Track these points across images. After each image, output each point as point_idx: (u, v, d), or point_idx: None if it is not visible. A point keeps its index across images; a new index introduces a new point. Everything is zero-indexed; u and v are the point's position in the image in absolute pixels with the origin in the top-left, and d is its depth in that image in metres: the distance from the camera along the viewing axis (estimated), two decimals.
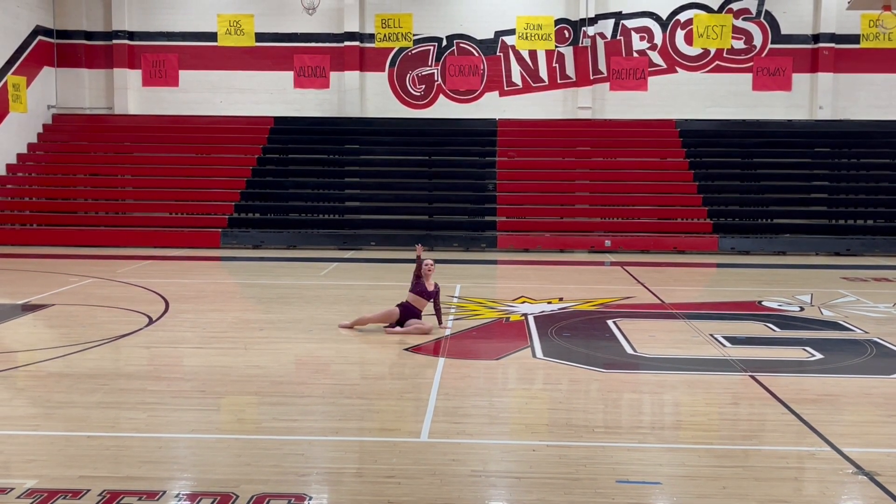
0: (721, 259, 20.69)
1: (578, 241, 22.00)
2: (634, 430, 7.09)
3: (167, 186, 23.96)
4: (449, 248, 21.91)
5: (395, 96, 26.77)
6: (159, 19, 26.64)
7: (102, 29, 26.67)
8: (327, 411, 7.58)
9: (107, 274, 16.41)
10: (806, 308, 13.09)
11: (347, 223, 23.07)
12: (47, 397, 7.87)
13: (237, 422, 7.54)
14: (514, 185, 24.21)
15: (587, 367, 9.20)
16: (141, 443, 6.62)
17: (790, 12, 26.00)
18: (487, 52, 26.54)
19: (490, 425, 7.22)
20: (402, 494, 5.59)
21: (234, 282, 17.38)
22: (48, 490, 5.54)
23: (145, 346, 10.17)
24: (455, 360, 9.47)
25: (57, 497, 5.43)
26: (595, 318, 12.15)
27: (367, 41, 26.49)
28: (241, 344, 10.21)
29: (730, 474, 6.01)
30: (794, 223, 22.74)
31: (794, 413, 7.48)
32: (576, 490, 5.68)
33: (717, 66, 26.25)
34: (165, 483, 5.75)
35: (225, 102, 26.70)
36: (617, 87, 26.22)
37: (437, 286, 11.20)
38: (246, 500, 5.43)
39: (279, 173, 24.87)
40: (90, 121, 26.72)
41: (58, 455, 6.29)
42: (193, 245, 21.67)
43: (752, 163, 24.79)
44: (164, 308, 12.58)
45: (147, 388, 8.18)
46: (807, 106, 26.15)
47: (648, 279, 16.32)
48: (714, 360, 9.58)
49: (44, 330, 11.49)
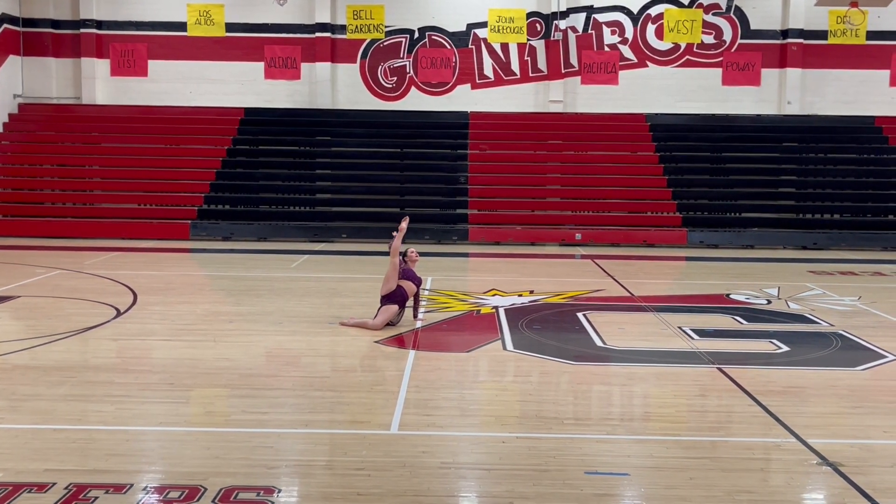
0: (690, 252, 20.85)
1: (549, 234, 22.08)
2: (603, 422, 7.14)
3: (136, 177, 23.72)
4: (420, 240, 21.84)
5: (366, 88, 26.68)
6: (128, 8, 26.35)
7: (70, 17, 26.32)
8: (297, 404, 7.56)
9: (74, 265, 16.23)
10: (773, 301, 13.23)
11: (318, 215, 22.98)
12: (13, 390, 7.77)
13: (206, 414, 7.49)
14: (486, 178, 24.23)
15: (557, 359, 9.24)
16: (108, 436, 6.56)
17: (759, 8, 26.22)
18: (459, 44, 26.53)
19: (460, 417, 7.23)
20: (371, 486, 5.59)
21: (204, 274, 17.26)
22: (13, 483, 5.48)
23: (113, 339, 10.07)
24: (426, 352, 9.47)
25: (22, 490, 5.37)
26: (565, 310, 12.20)
27: (338, 32, 26.38)
28: (210, 336, 10.15)
29: (697, 465, 6.07)
30: (762, 217, 22.97)
31: (760, 405, 7.56)
32: (544, 481, 5.71)
33: (688, 60, 26.43)
34: (133, 476, 5.70)
35: (195, 93, 26.48)
36: (588, 81, 26.32)
37: (420, 278, 11.18)
38: (214, 492, 5.41)
39: (249, 165, 24.72)
40: (57, 110, 26.38)
41: (23, 448, 6.22)
42: (162, 237, 21.50)
43: (722, 157, 25.00)
44: (133, 300, 12.47)
45: (115, 381, 8.11)
46: (775, 101, 26.41)
47: (618, 272, 16.42)
48: (682, 352, 9.66)
49: (9, 322, 11.34)
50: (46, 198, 23.38)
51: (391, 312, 10.61)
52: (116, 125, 25.59)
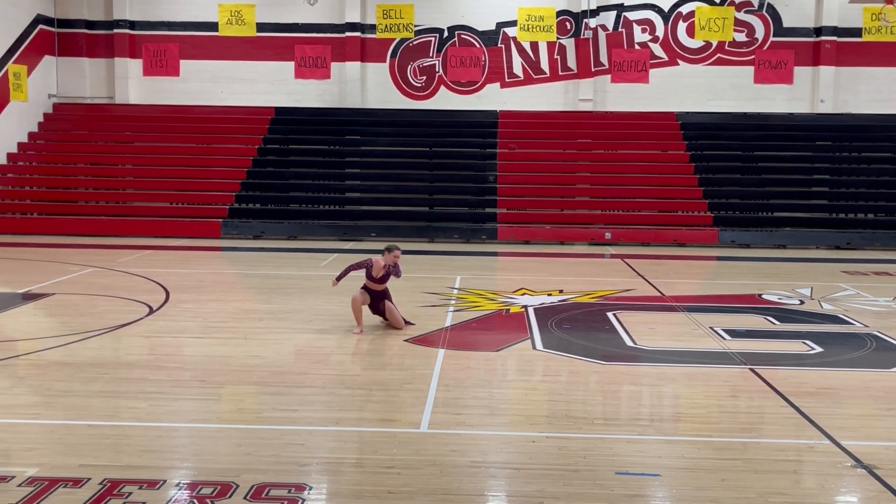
0: (721, 252, 20.68)
1: (579, 233, 21.99)
2: (634, 423, 7.10)
3: (168, 176, 23.94)
4: (449, 239, 21.91)
5: (396, 87, 26.73)
6: (160, 9, 26.59)
7: (103, 18, 26.62)
8: (327, 401, 7.60)
9: (107, 263, 16.41)
10: (806, 301, 13.10)
11: (348, 214, 23.06)
12: (48, 386, 7.88)
13: (237, 411, 7.56)
14: (515, 177, 24.18)
15: (587, 359, 9.21)
16: (141, 432, 6.63)
17: (792, 5, 25.95)
18: (489, 43, 26.50)
19: (490, 416, 7.23)
20: (401, 485, 5.60)
21: (235, 272, 17.38)
22: (49, 478, 5.55)
23: (146, 336, 10.18)
24: (455, 351, 9.48)
25: (58, 485, 5.45)
26: (595, 310, 12.15)
27: (368, 32, 26.44)
28: (241, 334, 10.22)
29: (729, 467, 6.02)
30: (794, 216, 22.72)
31: (793, 406, 7.49)
32: (575, 481, 5.69)
33: (719, 58, 26.21)
34: (166, 472, 5.76)
35: (226, 92, 26.67)
36: (618, 80, 26.18)
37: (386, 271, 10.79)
38: (246, 489, 5.45)
39: (280, 164, 24.85)
40: (91, 110, 26.69)
41: (58, 444, 6.31)
42: (194, 235, 21.67)
43: (753, 156, 24.77)
44: (165, 298, 12.59)
45: (147, 378, 8.19)
46: (808, 99, 26.13)
47: (648, 272, 16.33)
48: (714, 352, 9.59)
49: (44, 319, 11.49)
50: (80, 196, 23.65)
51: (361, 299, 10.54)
52: (149, 124, 25.85)
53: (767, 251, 20.84)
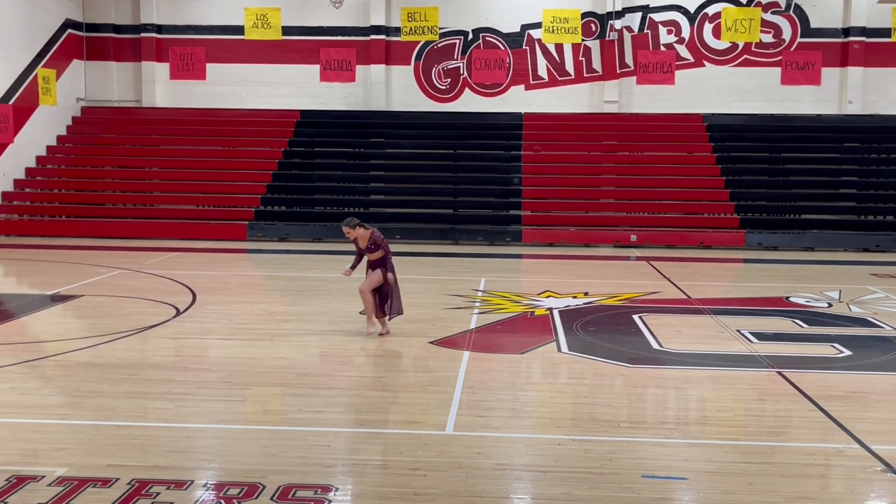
0: (748, 254, 20.53)
1: (604, 235, 21.92)
2: (660, 426, 7.07)
3: (194, 179, 24.12)
4: (473, 241, 21.90)
5: (420, 90, 26.77)
6: (187, 13, 26.81)
7: (131, 22, 26.87)
8: (352, 403, 7.62)
9: (134, 265, 16.55)
10: (834, 304, 12.97)
11: (372, 216, 23.09)
12: (76, 387, 7.95)
13: (263, 413, 7.59)
14: (540, 180, 24.14)
15: (612, 361, 9.18)
16: (168, 432, 6.68)
17: (820, 6, 25.73)
18: (513, 45, 26.47)
19: (515, 419, 7.22)
20: (427, 487, 5.60)
21: (260, 274, 17.48)
22: (78, 478, 5.60)
23: (172, 337, 10.25)
24: (480, 353, 9.47)
25: (87, 485, 5.50)
26: (621, 312, 12.10)
27: (392, 34, 26.50)
28: (267, 336, 10.27)
29: (756, 470, 5.98)
30: (822, 218, 22.52)
31: (821, 410, 7.42)
32: (601, 484, 5.67)
33: (746, 59, 26.03)
34: (193, 472, 5.80)
35: (251, 96, 26.82)
36: (644, 81, 26.04)
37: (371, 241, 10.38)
38: (273, 490, 5.47)
39: (305, 166, 24.96)
40: (118, 113, 26.94)
41: (87, 444, 6.36)
42: (220, 237, 21.81)
43: (780, 157, 24.57)
44: (192, 299, 12.68)
45: (174, 379, 8.25)
46: (836, 100, 25.88)
47: (674, 274, 16.24)
48: (741, 356, 9.52)
49: (72, 320, 11.61)
50: (108, 199, 23.87)
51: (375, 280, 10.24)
52: (175, 127, 26.06)
53: (795, 253, 20.66)
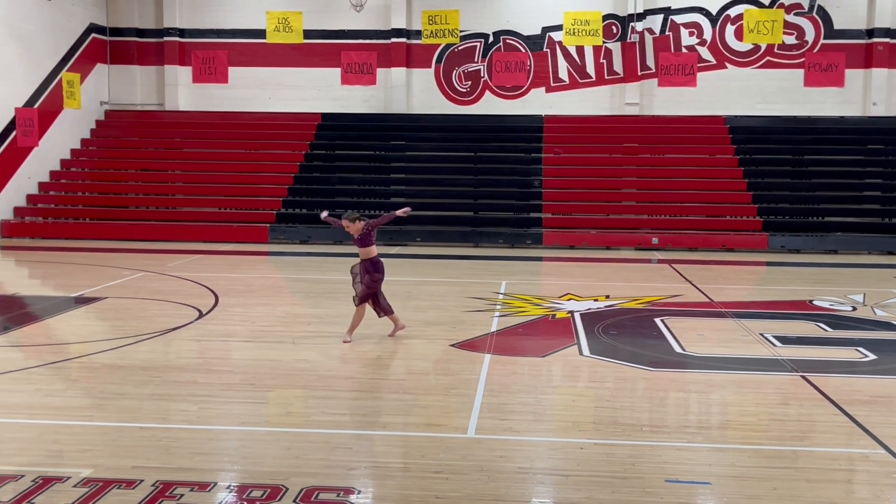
0: (771, 257, 20.40)
1: (625, 238, 21.84)
2: (682, 430, 7.03)
3: (216, 182, 24.27)
4: (494, 244, 21.90)
5: (441, 93, 26.80)
6: (209, 16, 26.99)
7: (154, 26, 27.09)
8: (374, 406, 7.63)
9: (157, 268, 16.67)
10: (858, 308, 12.87)
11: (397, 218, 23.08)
12: (100, 388, 8.02)
13: (286, 415, 7.62)
14: (561, 182, 24.09)
15: (634, 365, 9.14)
16: (192, 434, 6.72)
17: (843, 7, 25.53)
18: (534, 48, 26.45)
19: (536, 422, 7.21)
20: (449, 490, 5.61)
21: (282, 276, 17.55)
22: (103, 479, 5.65)
23: (195, 339, 10.32)
24: (501, 356, 9.47)
25: (112, 486, 5.54)
26: (643, 316, 12.06)
27: (413, 38, 26.55)
28: (289, 338, 10.31)
29: (780, 475, 5.94)
30: (845, 221, 22.34)
31: (846, 414, 7.36)
32: (624, 489, 5.65)
33: (768, 61, 25.88)
34: (216, 474, 5.83)
35: (273, 99, 26.96)
36: (665, 83, 25.95)
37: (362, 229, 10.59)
38: (296, 492, 5.49)
39: (326, 169, 25.05)
40: (141, 117, 27.16)
41: (111, 445, 6.41)
42: (242, 240, 21.93)
43: (803, 160, 24.41)
44: (214, 302, 12.75)
45: (197, 381, 8.30)
46: (860, 102, 25.68)
47: (696, 277, 16.16)
48: (764, 359, 9.46)
49: (97, 322, 11.70)
50: (131, 201, 24.06)
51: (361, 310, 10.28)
52: (198, 131, 26.24)
53: (818, 256, 20.51)
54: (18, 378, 8.42)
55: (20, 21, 22.79)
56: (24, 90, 23.18)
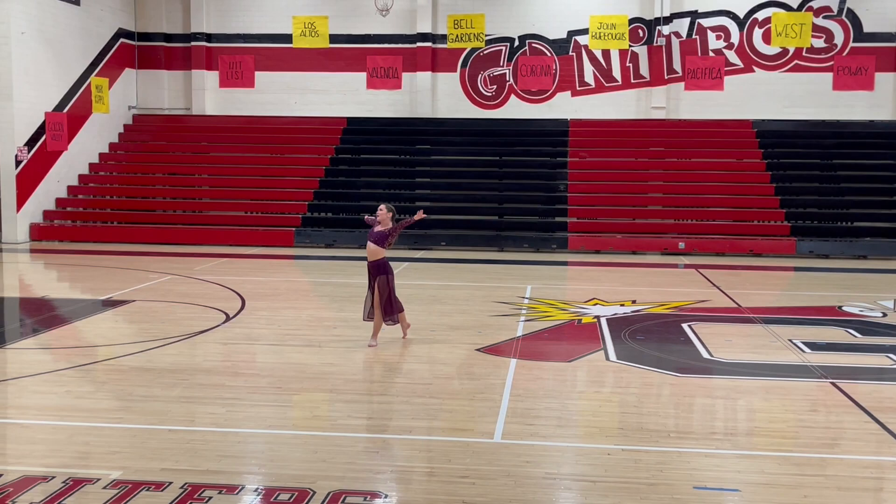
0: (799, 262, 20.21)
1: (651, 242, 21.73)
2: (711, 436, 6.98)
3: (243, 186, 24.42)
4: (519, 248, 21.85)
5: (466, 97, 26.80)
6: (236, 21, 27.17)
7: (181, 31, 27.31)
8: (400, 410, 7.63)
9: (185, 271, 16.78)
10: (889, 314, 12.72)
11: (418, 223, 23.06)
12: (129, 391, 8.08)
13: (313, 418, 7.64)
14: (586, 186, 24.01)
15: (662, 370, 9.09)
16: (219, 437, 6.76)
17: (872, 9, 25.27)
18: (560, 51, 26.40)
19: (563, 428, 7.18)
20: (476, 495, 5.59)
21: (308, 280, 17.61)
22: (132, 481, 5.69)
23: (222, 343, 10.37)
24: (527, 361, 9.44)
25: (141, 488, 5.58)
26: (670, 321, 11.99)
27: (439, 42, 26.58)
28: (315, 342, 10.34)
29: (810, 483, 5.88)
30: (875, 226, 22.08)
31: (877, 421, 7.28)
32: (652, 495, 5.61)
33: (796, 65, 25.66)
34: (244, 477, 5.86)
35: (299, 103, 27.09)
36: (692, 87, 25.79)
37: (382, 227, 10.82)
38: (323, 496, 5.50)
39: (351, 173, 25.11)
40: (169, 121, 27.38)
41: (140, 447, 6.46)
42: (268, 243, 22.03)
43: (832, 164, 24.18)
44: (241, 305, 12.81)
45: (225, 384, 8.34)
46: (890, 106, 25.40)
47: (724, 282, 16.04)
48: (793, 365, 9.38)
49: (125, 325, 11.79)
50: (158, 205, 24.26)
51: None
52: (224, 135, 26.41)
53: (847, 262, 20.30)
54: (48, 380, 8.51)
55: (50, 26, 23.05)
56: (53, 95, 23.44)
